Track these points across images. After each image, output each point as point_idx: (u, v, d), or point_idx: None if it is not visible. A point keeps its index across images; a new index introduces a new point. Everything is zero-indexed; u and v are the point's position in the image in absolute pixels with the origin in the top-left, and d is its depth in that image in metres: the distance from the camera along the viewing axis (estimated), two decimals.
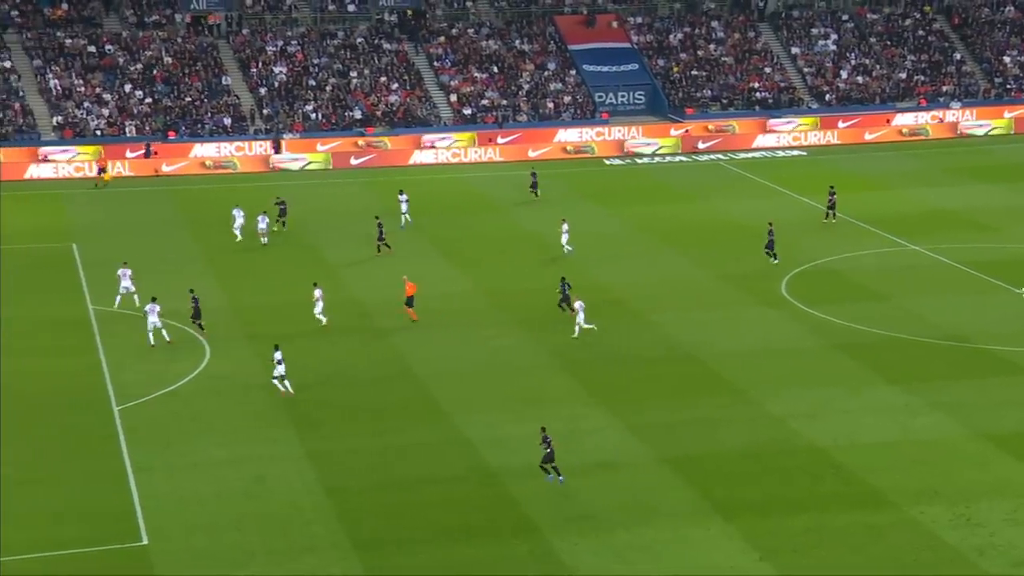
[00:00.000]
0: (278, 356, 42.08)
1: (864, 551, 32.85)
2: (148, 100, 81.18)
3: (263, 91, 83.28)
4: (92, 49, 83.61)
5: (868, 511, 34.75)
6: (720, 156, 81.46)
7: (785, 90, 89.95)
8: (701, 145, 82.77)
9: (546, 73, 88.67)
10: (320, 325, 48.48)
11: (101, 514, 34.74)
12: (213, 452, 38.45)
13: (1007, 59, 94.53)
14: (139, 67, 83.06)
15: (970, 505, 35.00)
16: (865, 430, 39.98)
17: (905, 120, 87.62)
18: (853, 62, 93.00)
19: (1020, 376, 44.29)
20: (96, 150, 75.62)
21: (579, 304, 47.77)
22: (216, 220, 62.57)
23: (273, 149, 78.22)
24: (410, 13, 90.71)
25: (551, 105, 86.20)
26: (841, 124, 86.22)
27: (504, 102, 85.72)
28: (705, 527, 33.99)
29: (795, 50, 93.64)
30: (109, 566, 32.25)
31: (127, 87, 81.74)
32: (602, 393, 42.76)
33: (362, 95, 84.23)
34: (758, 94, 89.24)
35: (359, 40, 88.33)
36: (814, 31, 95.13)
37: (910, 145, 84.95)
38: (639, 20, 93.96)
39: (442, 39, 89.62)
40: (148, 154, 76.12)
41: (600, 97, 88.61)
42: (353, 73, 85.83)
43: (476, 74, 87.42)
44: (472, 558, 32.61)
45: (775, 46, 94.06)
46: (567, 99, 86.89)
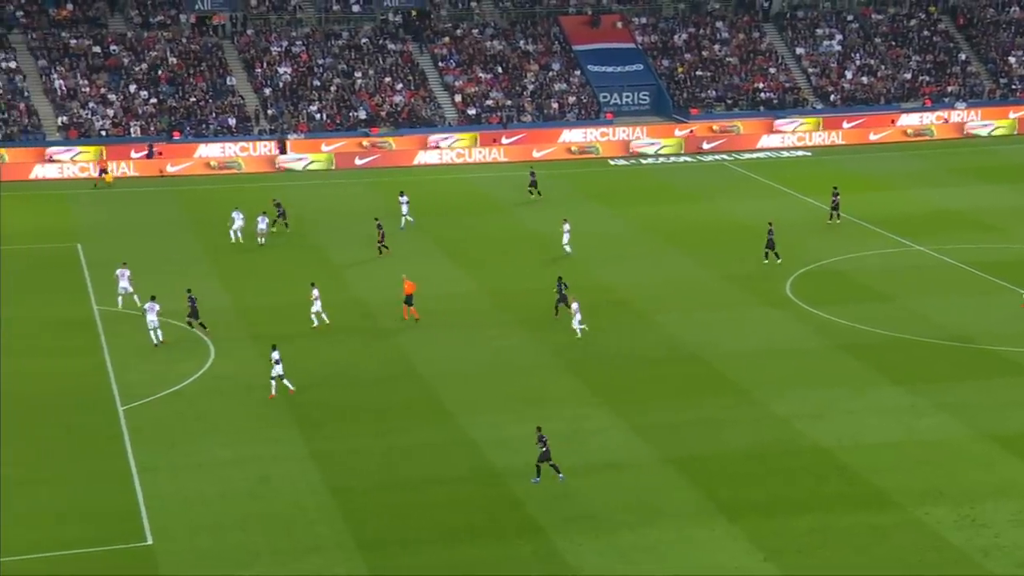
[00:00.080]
0: (276, 356, 42.11)
1: (868, 552, 32.82)
2: (153, 100, 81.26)
3: (268, 91, 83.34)
4: (97, 49, 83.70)
5: (873, 512, 34.72)
6: (724, 156, 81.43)
7: (790, 90, 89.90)
8: (706, 145, 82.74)
9: (550, 73, 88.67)
10: (313, 327, 48.38)
11: (105, 514, 34.78)
12: (218, 452, 38.48)
13: (1012, 59, 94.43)
14: (144, 67, 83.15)
15: (975, 506, 34.96)
16: (870, 431, 39.95)
17: (910, 120, 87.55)
18: (858, 62, 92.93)
19: None
20: (96, 151, 75.67)
21: (575, 305, 47.81)
22: (220, 221, 62.58)
23: (278, 150, 78.27)
24: (414, 13, 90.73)
25: (555, 105, 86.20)
26: (846, 124, 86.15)
27: (508, 102, 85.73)
28: (709, 527, 33.98)
29: (800, 50, 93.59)
30: (113, 566, 32.28)
31: (132, 87, 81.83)
32: (606, 393, 42.75)
33: (366, 95, 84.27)
34: (763, 94, 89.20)
35: (363, 40, 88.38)
36: (819, 31, 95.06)
37: (915, 145, 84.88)
38: (643, 20, 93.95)
39: (446, 39, 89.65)
40: (151, 155, 76.18)
41: (604, 97, 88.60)
42: (358, 73, 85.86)
43: (480, 74, 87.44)
44: (476, 558, 32.62)
45: (780, 46, 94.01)
46: (571, 99, 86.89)
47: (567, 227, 58.58)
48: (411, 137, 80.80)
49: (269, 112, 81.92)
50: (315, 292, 48.82)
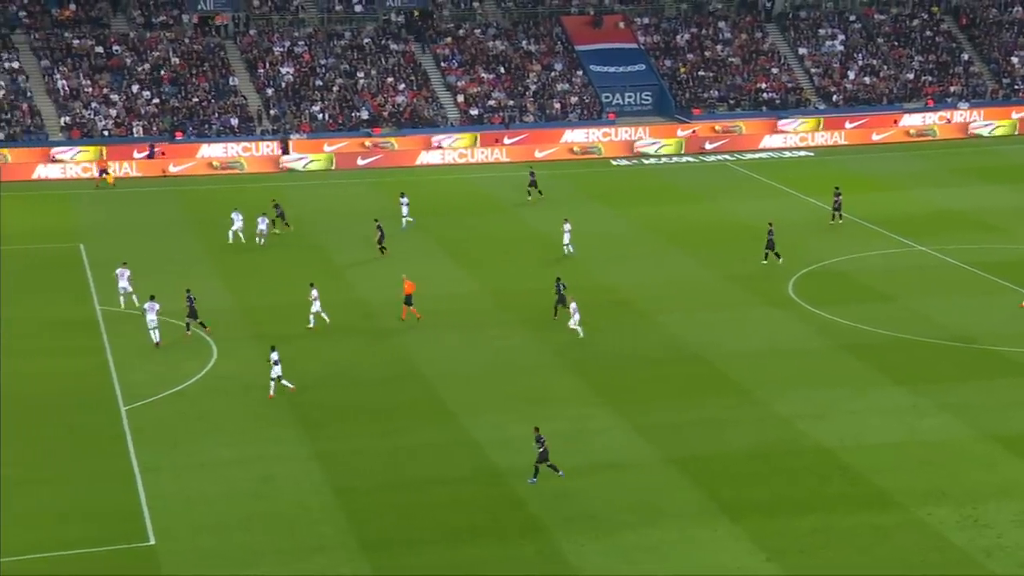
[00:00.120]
0: (274, 357, 42.12)
1: (871, 552, 32.83)
2: (155, 101, 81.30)
3: (270, 92, 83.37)
4: (100, 50, 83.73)
5: (875, 512, 34.72)
6: (727, 157, 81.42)
7: (792, 91, 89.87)
8: (708, 146, 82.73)
9: (553, 74, 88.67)
10: (309, 327, 48.37)
11: (108, 514, 34.81)
12: (220, 452, 38.51)
13: (1015, 60, 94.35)
14: (146, 67, 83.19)
15: (977, 506, 34.96)
16: (872, 431, 39.95)
17: (912, 121, 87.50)
18: (860, 63, 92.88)
19: None
20: (96, 151, 75.65)
21: (573, 305, 47.83)
22: (223, 221, 62.50)
23: (281, 150, 78.29)
24: (417, 14, 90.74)
25: (558, 106, 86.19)
26: (848, 125, 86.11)
27: (511, 103, 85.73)
28: (712, 528, 33.99)
29: (802, 51, 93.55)
30: (116, 566, 32.31)
31: (134, 87, 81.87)
32: (608, 393, 42.76)
33: (369, 96, 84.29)
34: (765, 95, 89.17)
35: (366, 41, 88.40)
36: (821, 32, 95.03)
37: (917, 146, 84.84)
38: (646, 21, 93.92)
39: (449, 40, 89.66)
40: (152, 155, 76.21)
41: (607, 98, 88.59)
42: (360, 74, 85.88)
43: (483, 75, 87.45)
44: (479, 558, 32.64)
45: (782, 47, 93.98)
46: (574, 100, 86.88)
47: (568, 227, 58.59)
48: (413, 137, 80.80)
49: (271, 112, 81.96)
50: (314, 293, 48.83)
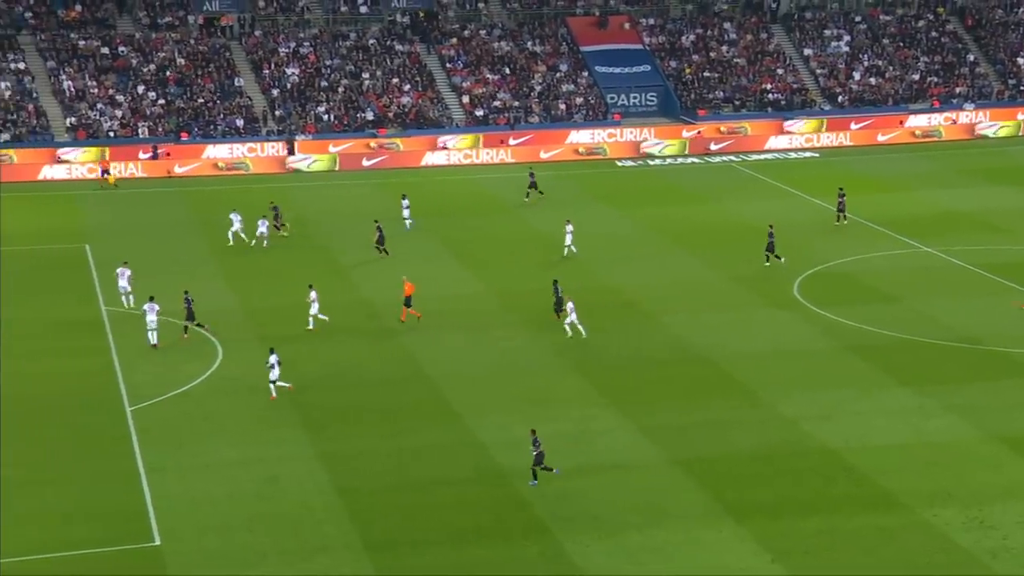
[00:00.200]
0: (273, 359, 42.09)
1: (876, 553, 32.78)
2: (161, 101, 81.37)
3: (275, 92, 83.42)
4: (105, 51, 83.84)
5: (880, 513, 34.68)
6: (732, 158, 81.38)
7: (798, 91, 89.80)
8: (713, 147, 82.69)
9: (558, 74, 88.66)
10: (308, 328, 48.34)
11: (113, 514, 34.83)
12: (225, 453, 38.53)
13: (1021, 60, 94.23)
14: (152, 68, 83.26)
15: (983, 508, 34.91)
16: (877, 432, 39.90)
17: (918, 122, 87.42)
18: (866, 63, 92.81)
19: None
20: (98, 152, 75.68)
21: (570, 305, 47.82)
22: (227, 222, 62.52)
23: (287, 151, 78.36)
24: (422, 14, 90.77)
25: (563, 106, 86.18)
26: (854, 126, 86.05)
27: (516, 103, 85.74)
28: (717, 529, 33.96)
29: (808, 51, 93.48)
30: (121, 566, 32.34)
31: (140, 88, 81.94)
32: (613, 394, 42.74)
33: (374, 96, 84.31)
34: (770, 95, 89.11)
35: (371, 41, 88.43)
36: (827, 32, 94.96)
37: (923, 147, 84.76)
38: (651, 22, 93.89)
39: (454, 40, 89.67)
40: (155, 156, 76.27)
41: (612, 99, 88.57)
42: (365, 74, 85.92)
43: (488, 75, 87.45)
44: (483, 559, 32.63)
45: (788, 47, 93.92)
46: (579, 100, 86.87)
47: (570, 228, 58.59)
48: (418, 138, 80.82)
49: (277, 113, 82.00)
50: (312, 295, 48.82)
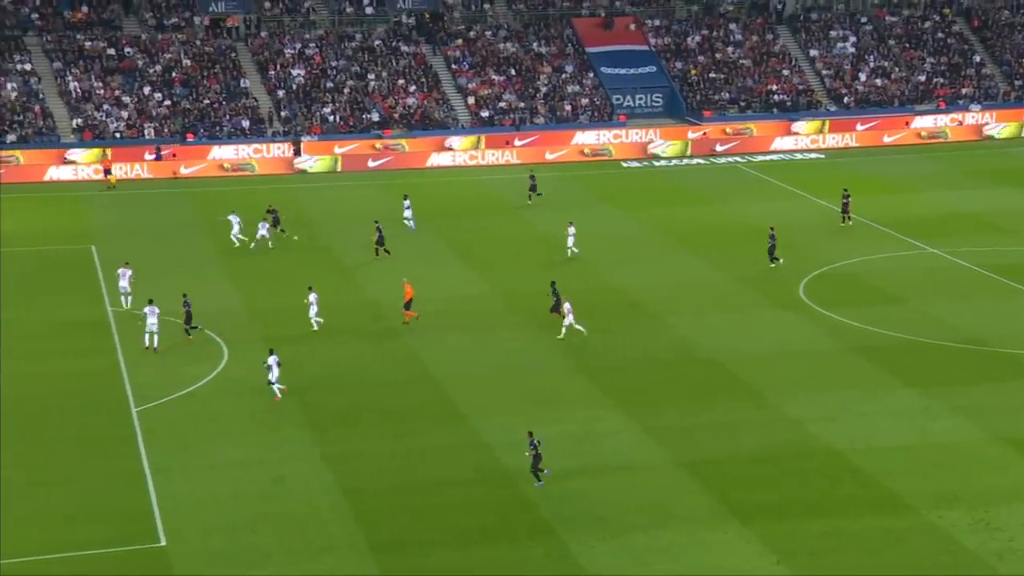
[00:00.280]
0: (270, 361, 42.07)
1: (882, 555, 32.75)
2: (167, 102, 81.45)
3: (281, 93, 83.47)
4: (111, 52, 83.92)
5: (886, 515, 34.64)
6: (738, 159, 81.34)
7: (803, 92, 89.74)
8: (719, 148, 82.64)
9: (563, 75, 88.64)
10: (314, 329, 48.44)
11: (119, 515, 34.86)
12: (231, 453, 38.56)
13: None
14: (158, 69, 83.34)
15: (989, 509, 34.86)
16: (883, 433, 39.85)
17: (924, 123, 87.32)
18: (872, 64, 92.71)
19: None
20: (99, 152, 75.73)
21: (567, 306, 47.83)
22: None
23: (293, 151, 78.41)
24: (428, 15, 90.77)
25: (568, 108, 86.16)
26: (860, 127, 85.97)
27: (521, 104, 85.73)
28: (722, 530, 33.94)
29: (813, 52, 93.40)
30: (127, 567, 32.37)
31: (146, 89, 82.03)
32: (619, 395, 42.72)
33: (380, 97, 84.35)
34: (776, 96, 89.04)
35: (377, 42, 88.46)
36: (832, 33, 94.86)
37: (929, 148, 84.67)
38: (657, 23, 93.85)
39: (460, 41, 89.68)
40: (159, 157, 76.32)
41: (618, 100, 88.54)
42: (371, 75, 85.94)
43: (493, 76, 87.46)
44: (488, 560, 32.64)
45: (793, 48, 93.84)
46: (584, 101, 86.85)
47: (572, 230, 58.61)
48: (424, 139, 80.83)
49: (282, 114, 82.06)
50: (311, 296, 48.82)
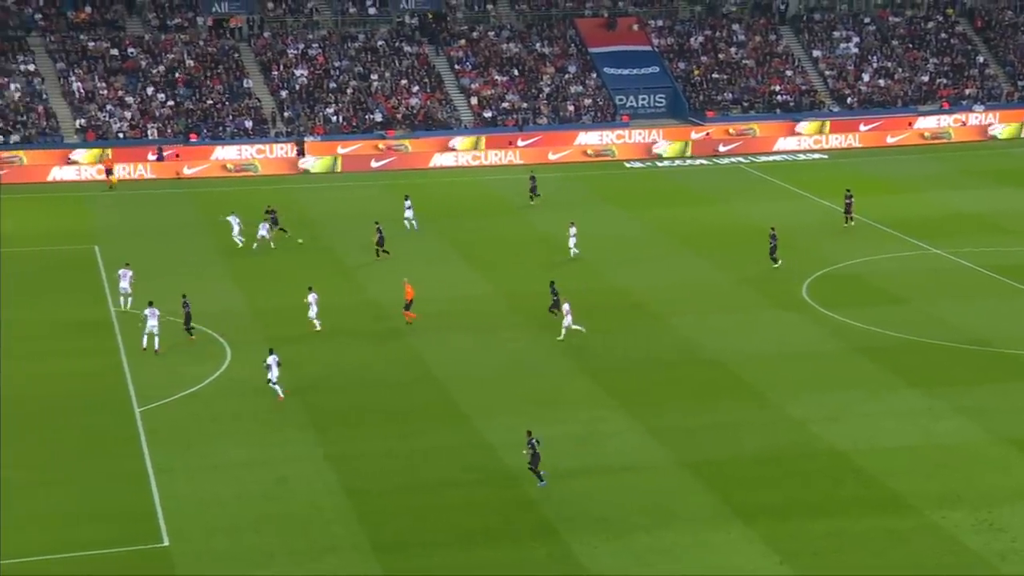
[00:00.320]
0: (269, 360, 42.07)
1: (885, 556, 32.72)
2: (170, 103, 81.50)
3: (284, 94, 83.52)
4: (115, 52, 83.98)
5: (889, 515, 34.62)
6: (741, 159, 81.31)
7: (806, 93, 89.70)
8: (722, 148, 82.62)
9: (566, 76, 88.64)
10: (318, 330, 48.44)
11: (122, 515, 34.88)
12: (233, 453, 38.57)
13: None
14: (161, 70, 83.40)
15: (992, 510, 34.83)
16: (886, 434, 39.83)
17: (927, 123, 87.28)
18: (875, 65, 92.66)
19: None
20: (99, 153, 75.72)
21: (566, 306, 47.84)
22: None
23: (296, 152, 78.44)
24: (431, 16, 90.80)
25: (571, 108, 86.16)
26: (863, 127, 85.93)
27: (524, 105, 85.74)
28: (725, 531, 33.92)
29: (816, 53, 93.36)
30: (130, 567, 32.38)
31: (149, 90, 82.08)
32: (622, 396, 42.71)
33: (383, 98, 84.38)
34: (779, 97, 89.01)
35: (380, 43, 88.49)
36: (836, 34, 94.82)
37: (932, 148, 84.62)
38: (660, 23, 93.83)
39: (462, 42, 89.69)
40: (161, 157, 76.35)
41: (621, 100, 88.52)
42: (374, 76, 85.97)
43: (496, 77, 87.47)
44: (491, 560, 32.63)
45: (796, 49, 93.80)
46: (587, 102, 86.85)
47: (573, 230, 58.61)
48: (427, 140, 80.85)
49: (286, 115, 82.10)
50: (310, 297, 48.82)
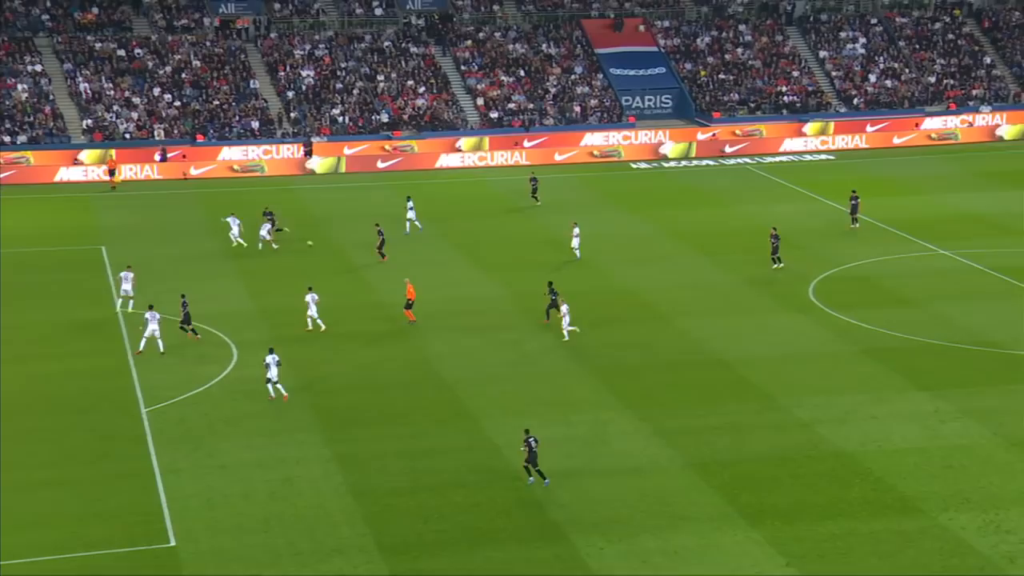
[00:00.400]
0: (269, 359, 42.06)
1: (893, 558, 32.68)
2: (177, 104, 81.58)
3: (291, 95, 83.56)
4: (122, 53, 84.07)
5: (897, 517, 34.58)
6: (747, 160, 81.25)
7: (813, 94, 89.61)
8: (728, 149, 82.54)
9: (573, 77, 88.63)
10: (321, 330, 48.45)
11: (129, 515, 34.91)
12: (240, 454, 38.59)
13: None
14: (168, 71, 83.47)
15: (1000, 512, 34.78)
16: (893, 436, 39.77)
17: (934, 124, 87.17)
18: (882, 66, 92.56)
19: None
20: (101, 153, 75.74)
21: (564, 307, 47.82)
22: (243, 223, 62.65)
23: (304, 152, 78.47)
24: (437, 17, 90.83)
25: (578, 109, 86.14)
26: (869, 128, 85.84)
27: (531, 106, 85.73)
28: (732, 533, 33.89)
29: (823, 54, 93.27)
30: (137, 567, 32.43)
31: (156, 91, 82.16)
32: (629, 397, 42.69)
33: (389, 99, 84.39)
34: (786, 98, 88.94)
35: (386, 44, 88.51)
36: (842, 35, 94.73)
37: (939, 149, 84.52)
38: (666, 24, 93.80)
39: (469, 43, 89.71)
40: (164, 158, 76.40)
41: (627, 101, 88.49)
42: (380, 77, 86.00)
43: (503, 78, 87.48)
44: (497, 561, 32.63)
45: (803, 50, 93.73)
46: (594, 103, 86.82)
47: (576, 231, 58.60)
48: (433, 140, 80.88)
49: (292, 115, 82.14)
50: (309, 296, 48.81)
